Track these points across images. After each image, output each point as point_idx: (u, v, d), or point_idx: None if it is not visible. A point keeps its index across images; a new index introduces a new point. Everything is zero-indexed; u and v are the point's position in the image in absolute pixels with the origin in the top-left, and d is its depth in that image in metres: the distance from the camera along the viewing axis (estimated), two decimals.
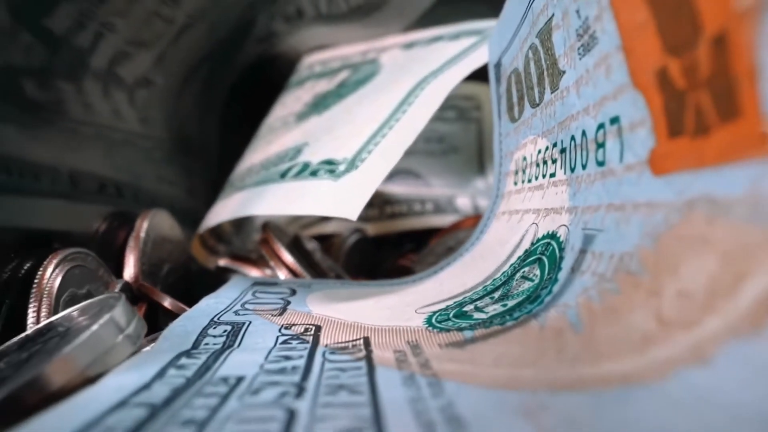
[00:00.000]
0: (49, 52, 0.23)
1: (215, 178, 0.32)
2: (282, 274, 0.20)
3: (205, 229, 0.24)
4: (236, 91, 0.34)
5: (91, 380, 0.10)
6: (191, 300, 0.19)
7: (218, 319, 0.13)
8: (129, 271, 0.20)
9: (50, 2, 0.22)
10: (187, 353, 0.11)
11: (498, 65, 0.19)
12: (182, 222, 0.25)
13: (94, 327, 0.10)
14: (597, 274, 0.10)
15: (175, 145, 0.30)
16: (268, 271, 0.22)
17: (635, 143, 0.10)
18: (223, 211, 0.23)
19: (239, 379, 0.09)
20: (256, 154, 0.26)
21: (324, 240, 0.28)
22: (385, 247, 0.29)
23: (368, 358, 0.10)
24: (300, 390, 0.08)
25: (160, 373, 0.10)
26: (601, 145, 0.11)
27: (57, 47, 0.23)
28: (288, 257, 0.20)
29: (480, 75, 0.21)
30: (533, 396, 0.08)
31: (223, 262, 0.22)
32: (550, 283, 0.12)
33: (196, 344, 0.12)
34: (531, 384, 0.08)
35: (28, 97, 0.22)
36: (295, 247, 0.22)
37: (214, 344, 0.12)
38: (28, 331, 0.13)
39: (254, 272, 0.22)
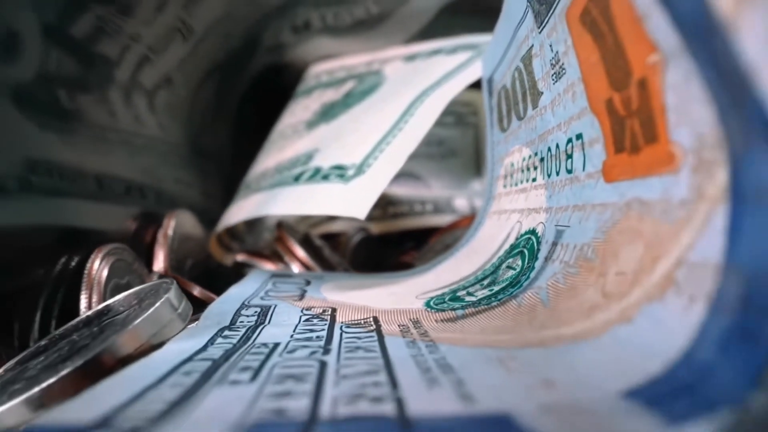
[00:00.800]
0: (79, 63, 0.25)
1: (228, 180, 0.35)
2: (296, 268, 0.23)
3: (223, 228, 0.26)
4: (247, 98, 0.37)
5: (154, 348, 0.12)
6: (213, 291, 0.21)
7: (248, 302, 0.16)
8: (159, 265, 0.22)
9: (76, 14, 0.24)
10: (228, 328, 0.13)
11: (490, 80, 0.22)
12: (199, 222, 0.28)
13: (156, 305, 0.13)
14: (563, 262, 0.13)
15: (190, 150, 0.32)
16: (281, 266, 0.25)
17: (593, 156, 0.12)
18: (241, 211, 0.25)
19: (276, 344, 0.12)
20: (270, 159, 0.28)
21: (331, 238, 0.30)
22: (388, 245, 0.32)
23: (378, 330, 0.13)
24: (326, 350, 0.11)
25: (211, 340, 0.12)
26: (569, 156, 0.14)
27: (86, 59, 0.25)
28: (301, 252, 0.22)
29: (477, 82, 0.24)
30: (506, 351, 0.10)
31: (240, 258, 0.25)
32: (528, 270, 0.14)
33: (233, 321, 0.14)
34: (506, 344, 0.11)
35: (62, 106, 0.25)
36: (306, 243, 0.25)
37: (248, 321, 0.14)
38: (89, 313, 0.15)
39: (269, 266, 0.24)
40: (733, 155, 0.07)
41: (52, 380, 0.11)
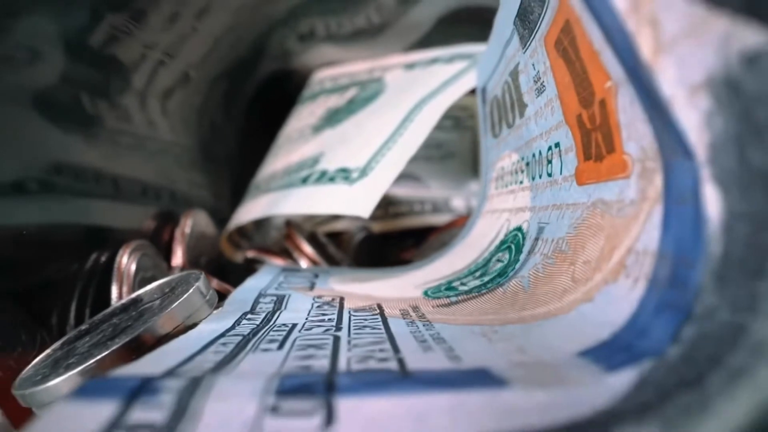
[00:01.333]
0: (99, 71, 0.27)
1: (236, 182, 0.37)
2: (303, 263, 0.25)
3: (235, 226, 0.28)
4: (254, 103, 0.39)
5: (188, 328, 0.14)
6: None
7: (264, 292, 0.18)
8: (177, 260, 0.24)
9: (94, 24, 0.26)
10: (250, 312, 0.15)
11: (484, 90, 0.24)
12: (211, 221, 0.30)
13: (189, 291, 0.15)
14: (543, 254, 0.15)
15: (201, 153, 0.34)
16: (289, 261, 0.27)
17: (568, 162, 0.14)
18: (252, 211, 0.27)
19: (294, 324, 0.14)
20: (278, 162, 0.30)
21: (335, 237, 0.32)
22: (389, 243, 0.34)
23: (382, 314, 0.15)
24: (338, 328, 0.13)
25: (237, 322, 0.14)
26: (549, 162, 0.16)
27: (105, 66, 0.27)
28: (309, 249, 0.24)
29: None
30: (490, 327, 0.12)
31: (251, 254, 0.27)
32: (514, 263, 0.16)
33: (253, 307, 0.16)
34: (490, 322, 0.13)
35: (85, 111, 0.27)
36: (313, 241, 0.27)
37: (267, 308, 0.16)
38: (123, 301, 0.17)
39: (278, 261, 0.26)
40: (665, 165, 0.09)
41: (104, 353, 0.13)
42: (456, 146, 0.39)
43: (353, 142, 0.26)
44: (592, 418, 0.07)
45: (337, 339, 0.12)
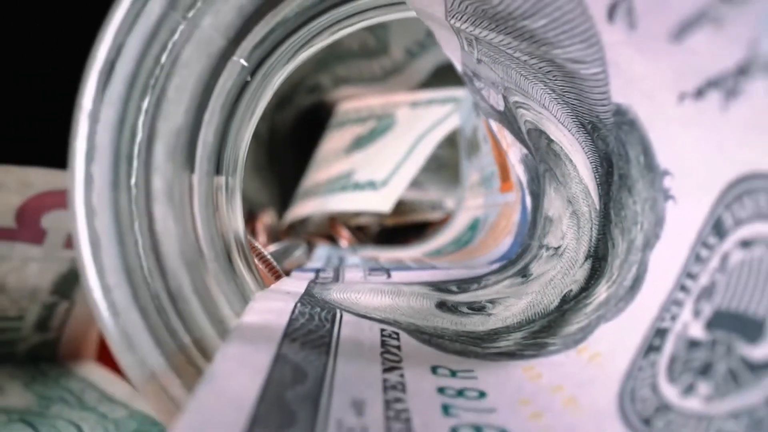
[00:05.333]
0: None
1: (282, 188, 0.51)
2: (343, 243, 0.40)
3: (292, 219, 0.43)
4: (296, 127, 0.53)
5: (299, 267, 0.29)
6: None
7: (329, 256, 0.33)
8: (262, 240, 0.39)
9: None
10: (325, 265, 0.30)
11: (463, 128, 0.39)
12: None
13: (300, 248, 0.29)
14: (485, 231, 0.29)
15: (263, 168, 0.49)
16: (330, 243, 0.41)
17: (496, 182, 0.29)
18: (305, 208, 0.42)
19: (356, 264, 0.28)
20: (320, 174, 0.45)
21: (360, 228, 0.47)
22: (398, 233, 0.48)
23: (396, 263, 0.29)
24: (386, 270, 0.28)
25: (322, 267, 0.29)
26: (491, 181, 0.30)
27: None
28: (347, 233, 0.39)
29: None
30: (450, 263, 0.27)
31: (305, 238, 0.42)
32: (473, 236, 0.31)
33: (326, 263, 0.31)
34: (451, 260, 0.27)
35: None
36: (348, 229, 0.41)
37: (334, 263, 0.31)
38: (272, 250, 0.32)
39: (324, 243, 0.41)
40: (521, 186, 0.24)
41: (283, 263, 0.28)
42: (448, 160, 0.54)
43: (376, 162, 0.40)
44: (479, 274, 0.22)
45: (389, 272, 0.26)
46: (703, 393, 0.08)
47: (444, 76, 0.51)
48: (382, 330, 0.14)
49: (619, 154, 0.13)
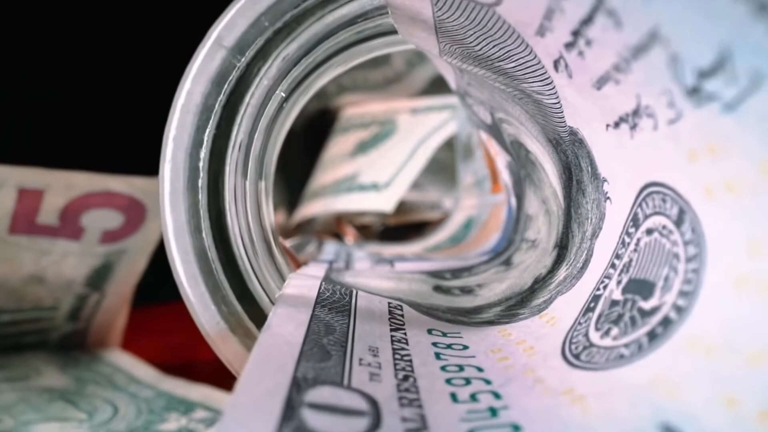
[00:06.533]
0: None
1: (291, 188, 0.55)
2: (349, 240, 0.44)
3: (300, 219, 0.47)
4: (302, 134, 0.57)
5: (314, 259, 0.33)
6: None
7: (337, 251, 0.37)
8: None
9: None
10: (336, 258, 0.34)
11: (459, 134, 0.43)
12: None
13: (311, 242, 0.33)
14: (477, 227, 0.33)
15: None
16: (336, 239, 0.45)
17: (488, 183, 0.33)
18: (312, 208, 0.46)
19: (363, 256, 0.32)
20: (326, 176, 0.49)
21: (364, 227, 0.51)
22: (400, 231, 0.52)
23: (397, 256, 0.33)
24: (390, 261, 0.32)
25: (333, 259, 0.33)
26: (483, 182, 0.34)
27: None
28: (353, 231, 0.43)
29: None
30: (446, 254, 0.31)
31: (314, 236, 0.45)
32: (467, 233, 0.35)
33: (332, 262, 0.35)
34: (446, 254, 0.31)
35: None
36: (354, 227, 0.45)
37: (343, 257, 0.35)
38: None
39: (331, 240, 0.45)
40: (507, 191, 0.28)
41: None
42: (446, 162, 0.58)
43: (379, 165, 0.44)
44: (470, 264, 0.26)
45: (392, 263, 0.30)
46: (613, 334, 0.12)
47: (441, 84, 0.55)
48: (389, 303, 0.18)
49: (575, 165, 0.17)
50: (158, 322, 0.46)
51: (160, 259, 0.36)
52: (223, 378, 0.31)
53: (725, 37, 0.07)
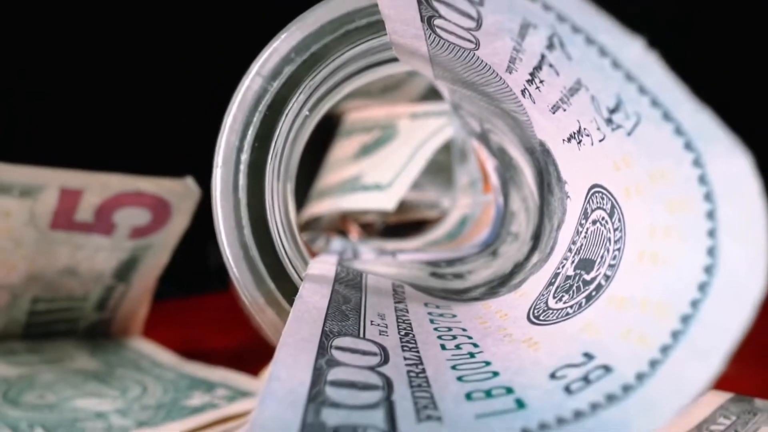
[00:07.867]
0: None
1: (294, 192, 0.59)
2: (354, 237, 0.48)
3: (308, 217, 0.51)
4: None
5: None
6: None
7: (344, 246, 0.41)
8: None
9: None
10: (343, 252, 0.38)
11: (455, 138, 0.47)
12: None
13: (320, 237, 0.37)
14: (470, 224, 0.38)
15: None
16: (341, 236, 0.49)
17: (479, 183, 0.37)
18: (319, 207, 0.50)
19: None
20: (331, 177, 0.53)
21: (365, 225, 0.55)
22: (399, 230, 0.57)
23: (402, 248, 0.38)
24: (392, 253, 0.36)
25: (342, 252, 0.37)
26: (477, 183, 0.39)
27: None
28: (358, 228, 0.47)
29: None
30: (440, 249, 0.35)
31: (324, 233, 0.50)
32: (461, 230, 0.39)
33: (341, 253, 0.39)
34: (441, 248, 0.36)
35: None
36: (358, 225, 0.50)
37: (351, 251, 0.39)
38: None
39: (337, 237, 0.49)
40: (495, 191, 0.32)
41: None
42: (444, 164, 0.62)
43: (381, 167, 0.49)
44: (463, 255, 0.30)
45: (394, 255, 0.35)
46: (564, 299, 0.17)
47: (437, 92, 0.59)
48: (393, 283, 0.22)
49: (546, 170, 0.21)
50: (173, 316, 0.50)
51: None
52: (236, 367, 0.35)
53: (617, 90, 0.12)
